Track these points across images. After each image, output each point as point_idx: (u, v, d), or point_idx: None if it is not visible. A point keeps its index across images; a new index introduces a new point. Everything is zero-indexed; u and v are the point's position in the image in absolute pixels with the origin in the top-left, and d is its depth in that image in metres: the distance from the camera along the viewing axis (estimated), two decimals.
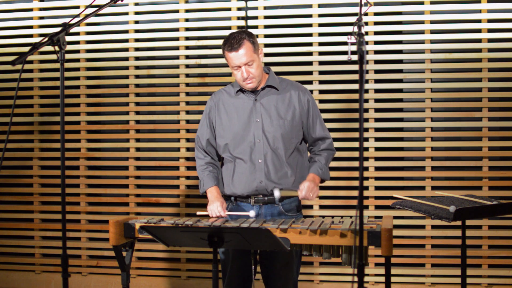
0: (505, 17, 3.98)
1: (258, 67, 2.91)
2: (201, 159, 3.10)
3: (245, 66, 2.87)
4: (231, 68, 2.94)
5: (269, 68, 3.07)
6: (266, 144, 2.94)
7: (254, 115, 2.97)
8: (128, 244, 2.89)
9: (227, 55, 2.89)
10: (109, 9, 4.26)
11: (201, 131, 3.10)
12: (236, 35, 2.88)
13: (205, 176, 3.04)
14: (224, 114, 3.02)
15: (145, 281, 4.38)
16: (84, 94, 4.43)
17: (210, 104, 3.08)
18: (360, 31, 2.13)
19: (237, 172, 2.98)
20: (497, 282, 4.02)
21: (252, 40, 2.90)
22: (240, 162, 2.97)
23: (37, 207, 4.51)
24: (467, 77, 4.04)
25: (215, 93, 3.11)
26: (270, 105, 2.98)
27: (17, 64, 2.30)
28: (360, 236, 2.13)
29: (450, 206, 2.68)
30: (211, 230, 2.35)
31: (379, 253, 2.66)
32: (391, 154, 4.12)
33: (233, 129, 2.98)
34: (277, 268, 2.97)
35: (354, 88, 4.12)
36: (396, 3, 4.17)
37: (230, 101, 3.03)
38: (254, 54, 2.89)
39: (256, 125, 2.96)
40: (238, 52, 2.85)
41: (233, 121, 2.99)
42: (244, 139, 2.96)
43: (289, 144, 2.97)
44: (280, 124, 2.95)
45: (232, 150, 2.98)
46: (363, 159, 2.06)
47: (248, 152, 2.95)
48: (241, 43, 2.85)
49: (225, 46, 2.90)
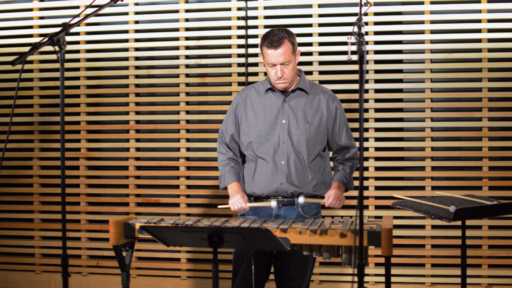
0: (505, 17, 3.98)
1: (293, 68, 2.87)
2: (223, 154, 3.04)
3: (280, 66, 2.82)
4: (265, 64, 2.88)
5: (301, 71, 3.01)
6: (290, 146, 2.89)
7: (281, 115, 2.92)
8: (128, 244, 2.89)
9: (265, 51, 2.83)
10: (109, 9, 4.26)
11: (226, 125, 3.04)
12: (277, 32, 2.82)
13: (226, 172, 2.98)
14: (251, 112, 2.97)
15: (145, 281, 4.38)
16: (84, 94, 4.43)
17: (238, 100, 3.02)
18: (360, 31, 2.13)
19: (258, 171, 2.93)
20: (497, 282, 4.02)
21: (293, 40, 2.84)
22: (262, 162, 2.93)
23: (37, 207, 4.51)
24: (467, 77, 4.05)
25: (244, 89, 3.05)
26: (298, 108, 2.92)
27: (17, 64, 2.30)
28: (360, 236, 2.13)
29: (450, 206, 2.68)
30: (211, 230, 2.35)
31: (379, 253, 2.66)
32: (391, 154, 4.12)
33: (258, 128, 2.93)
34: (291, 270, 2.95)
35: (354, 88, 4.12)
36: (396, 3, 4.17)
37: (259, 99, 2.97)
38: (292, 55, 2.83)
39: (282, 126, 2.90)
40: (277, 50, 2.79)
41: (259, 120, 2.94)
42: (268, 139, 2.91)
43: (312, 149, 2.92)
44: (306, 128, 2.90)
45: (255, 149, 2.94)
46: (363, 159, 2.06)
47: (272, 152, 2.91)
48: (282, 42, 2.79)
49: (264, 41, 2.83)
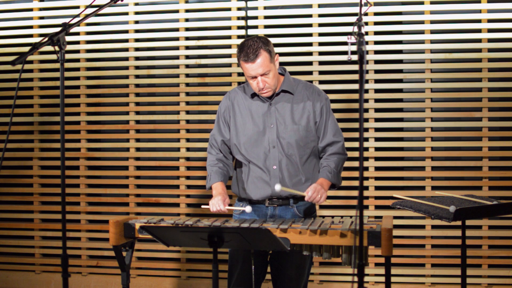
0: (505, 17, 3.98)
1: (274, 76, 2.82)
2: (212, 155, 3.02)
3: (261, 77, 2.78)
4: (246, 77, 2.84)
5: (285, 69, 2.98)
6: (281, 150, 2.88)
7: (269, 120, 2.90)
8: (128, 244, 2.89)
9: (243, 65, 2.78)
10: (109, 9, 4.26)
11: (216, 130, 3.02)
12: (252, 43, 2.76)
13: (213, 172, 2.96)
14: (239, 116, 2.95)
15: (145, 281, 4.38)
16: (84, 94, 4.43)
17: (226, 104, 2.99)
18: (360, 31, 2.13)
19: (252, 176, 2.92)
20: (497, 282, 4.02)
21: (269, 48, 2.78)
22: (254, 167, 2.91)
23: (37, 207, 4.51)
24: (467, 77, 4.04)
25: (230, 92, 3.02)
26: (285, 110, 2.90)
27: (17, 64, 2.30)
28: (360, 236, 2.13)
29: (450, 206, 2.68)
30: (211, 230, 2.35)
31: (379, 253, 2.66)
32: (391, 154, 4.12)
33: (247, 134, 2.92)
34: (288, 270, 2.94)
35: (354, 88, 4.12)
36: (396, 3, 4.17)
37: (245, 103, 2.95)
38: (271, 64, 2.79)
39: (271, 131, 2.89)
40: (255, 63, 2.74)
41: (248, 125, 2.92)
42: (258, 144, 2.90)
43: (304, 149, 2.90)
44: (295, 129, 2.88)
45: (246, 154, 2.92)
46: (363, 159, 2.06)
47: (262, 158, 2.89)
48: (258, 53, 2.74)
49: (240, 55, 2.78)
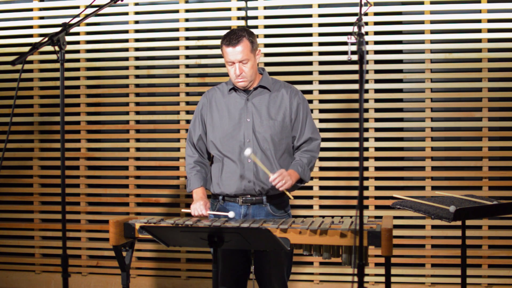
0: (505, 17, 3.98)
1: (252, 67, 2.91)
2: (190, 157, 3.09)
3: (239, 64, 2.87)
4: (225, 63, 2.93)
5: (264, 69, 3.06)
6: (256, 144, 2.93)
7: (245, 114, 2.96)
8: (128, 244, 2.89)
9: (224, 49, 2.89)
10: (109, 9, 4.25)
11: (193, 126, 3.10)
12: (236, 31, 2.89)
13: (192, 176, 3.04)
14: (216, 112, 3.02)
15: (145, 281, 4.38)
16: (84, 94, 4.43)
17: (203, 101, 3.08)
18: (360, 31, 2.13)
19: (226, 171, 2.97)
20: (497, 282, 4.02)
21: (252, 39, 2.90)
22: (229, 161, 2.96)
23: (37, 207, 4.51)
24: (467, 77, 4.04)
25: (208, 91, 3.11)
26: (262, 105, 2.97)
27: (17, 64, 2.30)
28: (360, 236, 2.13)
29: (450, 206, 2.68)
30: (211, 230, 2.35)
31: (379, 253, 2.66)
32: (391, 154, 4.12)
33: (223, 128, 2.98)
34: (266, 268, 2.96)
35: (354, 88, 4.12)
36: (396, 3, 4.17)
37: (223, 99, 3.02)
38: (251, 54, 2.88)
39: (247, 125, 2.95)
40: (235, 48, 2.85)
41: (224, 120, 2.98)
42: (233, 138, 2.95)
43: (279, 145, 2.96)
44: (270, 124, 2.94)
45: (221, 148, 2.97)
46: (363, 159, 2.06)
47: (237, 151, 2.94)
48: (240, 40, 2.85)
49: (223, 40, 2.89)
